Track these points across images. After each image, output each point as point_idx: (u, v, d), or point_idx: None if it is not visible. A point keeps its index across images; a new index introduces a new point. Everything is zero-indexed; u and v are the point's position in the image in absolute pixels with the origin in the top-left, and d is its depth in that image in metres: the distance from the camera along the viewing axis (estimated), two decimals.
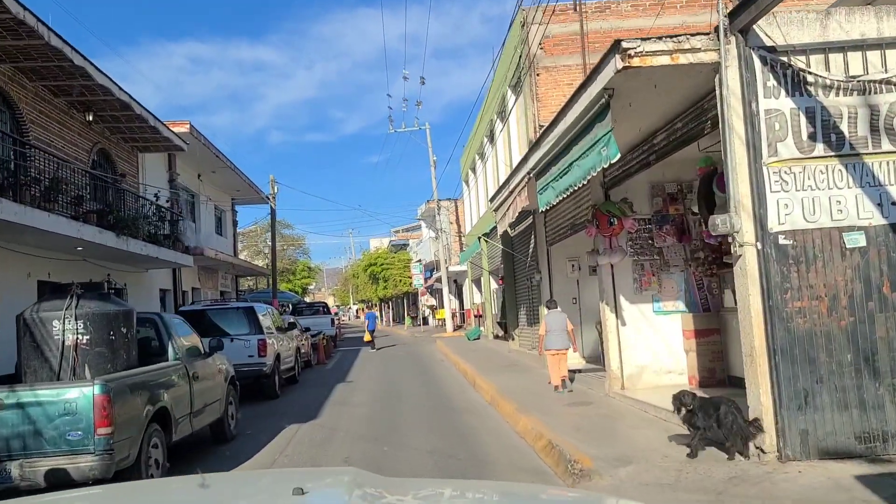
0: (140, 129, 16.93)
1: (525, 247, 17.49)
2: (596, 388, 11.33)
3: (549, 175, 9.67)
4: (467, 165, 27.57)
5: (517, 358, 18.31)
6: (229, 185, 26.90)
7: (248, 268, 28.51)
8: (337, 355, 27.68)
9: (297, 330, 21.21)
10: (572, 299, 14.93)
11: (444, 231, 38.89)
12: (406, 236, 61.58)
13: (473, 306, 29.42)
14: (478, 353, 21.32)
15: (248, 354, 14.25)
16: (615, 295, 10.57)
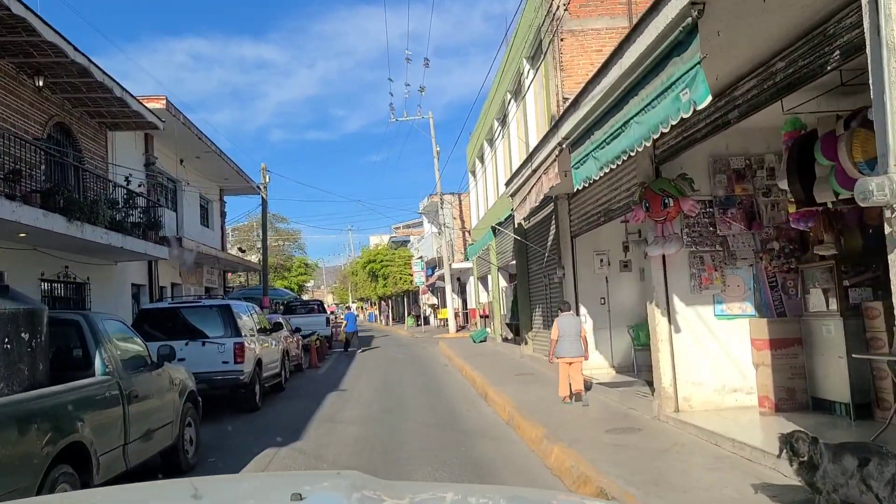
0: (106, 102, 14.88)
1: (542, 239, 15.45)
2: (640, 408, 9.27)
3: (592, 143, 7.61)
4: (474, 154, 25.52)
5: (531, 365, 16.26)
6: (216, 173, 24.85)
7: (236, 262, 26.47)
8: (332, 357, 25.64)
9: (285, 331, 19.19)
10: (600, 299, 12.89)
11: (447, 226, 36.82)
12: (407, 233, 59.48)
13: (479, 306, 27.38)
14: (485, 357, 19.27)
15: (222, 360, 12.21)
16: (667, 294, 8.52)
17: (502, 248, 20.98)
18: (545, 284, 15.68)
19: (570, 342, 10.27)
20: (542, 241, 15.35)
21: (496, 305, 22.72)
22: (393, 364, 21.30)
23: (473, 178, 27.39)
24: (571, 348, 10.26)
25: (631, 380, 11.58)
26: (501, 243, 20.64)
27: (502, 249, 21.03)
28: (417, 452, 8.47)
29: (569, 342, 10.27)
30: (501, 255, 21.09)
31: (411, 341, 33.07)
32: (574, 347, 10.27)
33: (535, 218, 15.89)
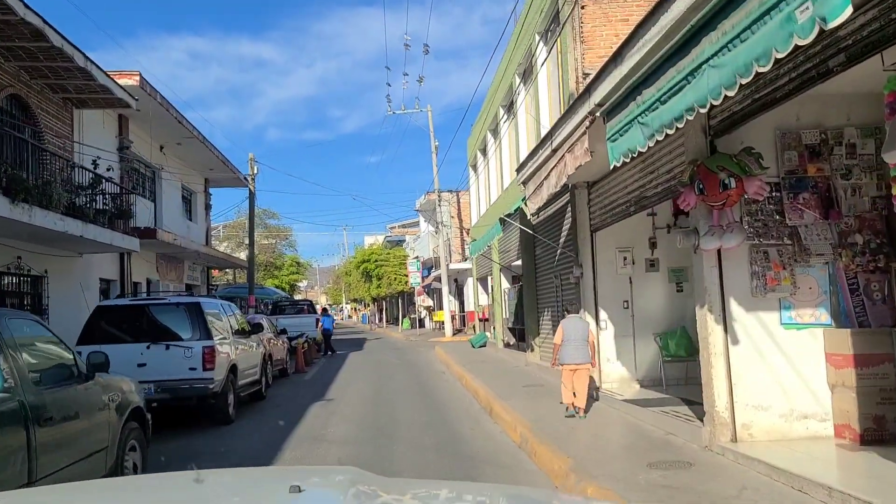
0: (69, 74, 13.27)
1: (554, 235, 13.88)
2: (682, 433, 7.69)
3: (639, 105, 6.04)
4: (475, 146, 23.96)
5: (539, 374, 14.68)
6: (200, 163, 23.23)
7: (221, 259, 24.84)
8: (321, 361, 24.02)
9: (269, 332, 17.57)
10: (623, 303, 11.31)
11: (444, 225, 35.25)
12: (403, 232, 57.87)
13: (479, 309, 25.80)
14: (487, 365, 17.68)
15: (189, 367, 10.60)
16: (723, 298, 6.96)
17: (506, 247, 19.43)
18: (556, 286, 14.10)
19: (574, 347, 9.35)
20: (555, 236, 13.78)
21: (497, 308, 21.14)
22: (386, 370, 19.69)
23: (474, 172, 25.82)
24: (576, 354, 9.33)
25: (661, 396, 9.99)
26: (505, 241, 19.09)
27: (506, 248, 19.47)
28: None
29: (573, 347, 9.35)
30: (505, 253, 19.53)
31: (405, 345, 31.46)
32: (579, 353, 9.33)
33: (545, 212, 14.32)
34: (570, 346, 9.40)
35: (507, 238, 18.75)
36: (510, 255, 18.92)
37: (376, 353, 26.87)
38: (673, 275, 11.39)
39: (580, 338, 9.43)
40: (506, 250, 19.46)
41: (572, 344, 9.40)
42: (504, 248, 19.65)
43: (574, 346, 9.38)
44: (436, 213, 35.93)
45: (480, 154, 23.83)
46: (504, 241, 19.09)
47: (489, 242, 13.27)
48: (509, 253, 19.14)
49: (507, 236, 18.52)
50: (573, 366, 9.39)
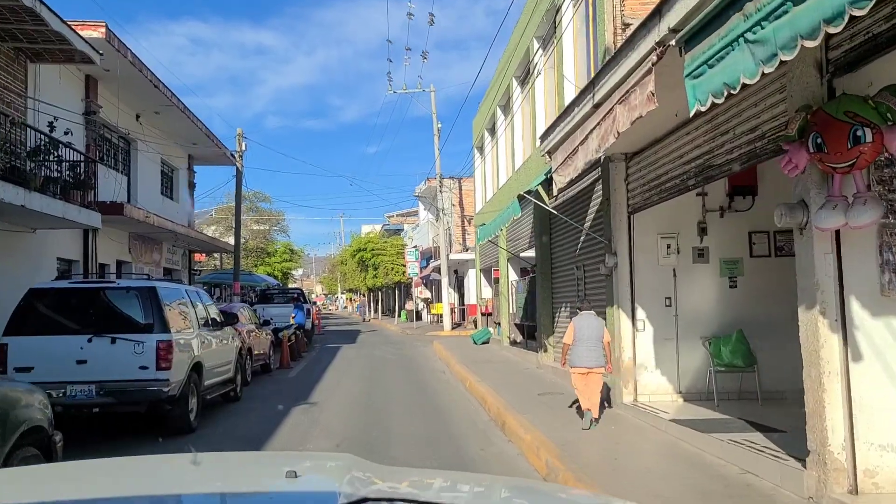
0: (16, 18, 11.32)
1: (576, 220, 12.02)
2: (771, 476, 5.82)
3: (754, 12, 4.15)
4: (483, 125, 22.04)
5: (555, 380, 12.84)
6: (183, 136, 21.25)
7: (205, 242, 22.91)
8: (311, 354, 22.18)
9: (248, 324, 15.71)
10: (665, 300, 9.44)
11: (445, 213, 33.36)
12: (401, 221, 55.89)
13: (481, 302, 23.93)
14: (493, 365, 15.82)
15: (139, 365, 8.73)
16: (841, 296, 5.09)
17: (516, 234, 17.55)
18: (577, 278, 12.24)
19: (587, 348, 8.37)
20: (578, 220, 11.90)
21: (503, 302, 19.28)
22: (379, 368, 17.84)
23: (480, 155, 23.90)
24: (589, 356, 8.35)
25: (720, 417, 8.13)
26: (516, 228, 17.22)
27: (516, 235, 17.59)
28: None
29: (586, 348, 8.38)
30: (514, 242, 17.66)
31: (401, 339, 29.61)
32: (593, 355, 8.35)
33: (565, 193, 12.45)
34: (582, 347, 8.38)
35: (518, 225, 16.87)
36: (521, 244, 17.05)
37: (370, 347, 25.02)
38: (725, 267, 9.52)
39: (594, 337, 8.39)
40: (516, 238, 17.58)
41: (585, 344, 8.37)
42: (514, 236, 17.77)
43: (587, 347, 8.35)
44: (436, 199, 34.01)
45: (488, 134, 21.90)
46: (514, 229, 17.22)
47: (503, 225, 11.39)
48: (520, 241, 17.26)
49: (517, 223, 16.66)
50: (584, 369, 8.37)
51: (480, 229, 13.74)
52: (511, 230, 17.72)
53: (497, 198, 19.58)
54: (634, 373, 9.33)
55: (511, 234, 17.91)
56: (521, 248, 17.04)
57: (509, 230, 18.53)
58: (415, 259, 35.55)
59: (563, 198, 12.83)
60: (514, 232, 17.65)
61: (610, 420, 8.88)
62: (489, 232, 13.21)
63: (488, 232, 13.29)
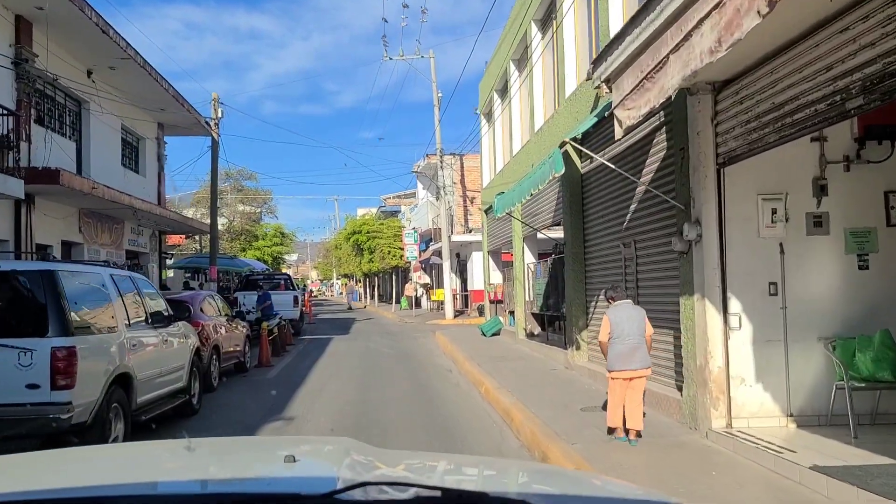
0: None
1: (624, 185, 9.36)
2: None
3: None
4: (491, 88, 19.27)
5: (592, 385, 10.23)
6: (148, 99, 18.46)
7: (177, 221, 20.17)
8: (298, 347, 19.57)
9: (220, 316, 13.12)
10: (769, 286, 6.79)
11: (447, 190, 30.68)
12: (397, 202, 53.09)
13: (490, 288, 21.27)
14: (511, 364, 13.19)
15: (26, 383, 6.07)
16: None
17: (534, 209, 14.87)
18: (625, 259, 9.59)
19: (630, 347, 6.67)
20: (625, 185, 9.24)
21: (518, 289, 16.62)
22: (373, 365, 15.22)
23: (488, 123, 21.16)
24: (633, 356, 6.66)
25: (864, 455, 5.49)
26: (534, 203, 14.55)
27: (534, 211, 14.91)
28: None
29: (629, 347, 6.67)
30: (531, 218, 14.98)
31: (400, 328, 27.00)
32: (637, 354, 6.68)
33: (605, 151, 9.78)
34: (622, 346, 6.68)
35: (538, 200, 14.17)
36: (542, 219, 14.35)
37: (364, 338, 22.39)
38: (853, 240, 6.87)
39: (635, 332, 6.68)
40: (534, 214, 14.89)
41: (626, 342, 6.67)
42: (532, 212, 15.07)
43: (629, 346, 6.66)
44: (437, 177, 31.29)
45: (498, 97, 19.14)
46: (532, 203, 14.52)
47: (533, 189, 8.71)
48: (539, 217, 14.57)
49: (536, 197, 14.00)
50: (629, 373, 6.66)
51: (498, 199, 11.07)
52: (528, 206, 15.06)
53: (511, 168, 16.88)
54: (727, 388, 6.70)
55: (528, 209, 15.25)
56: (543, 223, 14.34)
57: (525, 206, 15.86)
58: (413, 241, 32.84)
59: (604, 155, 10.18)
60: (531, 207, 14.98)
61: (697, 455, 6.26)
62: (510, 201, 10.53)
63: (508, 201, 10.61)
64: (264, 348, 15.53)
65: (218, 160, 20.59)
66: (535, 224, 14.74)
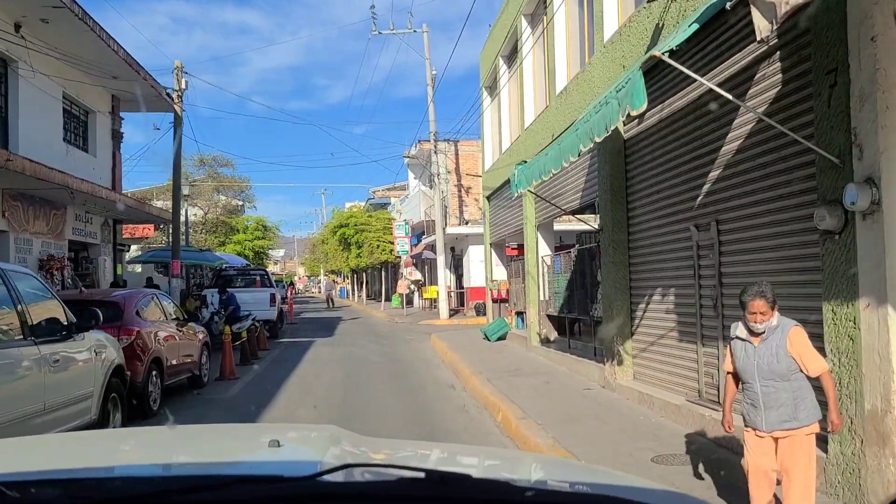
0: None
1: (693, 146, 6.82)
2: None
3: None
4: (496, 53, 16.66)
5: (651, 416, 7.67)
6: (94, 62, 15.70)
7: (133, 208, 17.46)
8: (272, 353, 16.95)
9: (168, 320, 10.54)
10: None
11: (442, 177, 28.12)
12: (387, 195, 50.38)
13: (492, 286, 18.67)
14: (529, 381, 10.62)
15: None
16: None
17: (555, 190, 12.28)
18: (698, 246, 7.06)
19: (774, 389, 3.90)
20: (703, 138, 6.70)
21: (531, 286, 14.04)
22: (359, 380, 12.62)
23: (491, 97, 18.57)
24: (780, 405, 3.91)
25: None
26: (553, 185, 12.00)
27: (554, 192, 12.31)
28: None
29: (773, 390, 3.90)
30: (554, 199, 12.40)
31: (390, 329, 24.39)
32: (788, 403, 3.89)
33: (673, 98, 7.26)
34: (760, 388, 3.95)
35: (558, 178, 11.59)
36: (567, 199, 11.76)
37: (350, 341, 19.78)
38: None
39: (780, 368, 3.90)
40: (553, 196, 12.30)
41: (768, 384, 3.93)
42: (554, 190, 12.46)
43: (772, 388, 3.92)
44: (430, 163, 28.72)
45: (504, 63, 16.54)
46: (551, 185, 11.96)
47: (580, 147, 6.13)
48: (562, 199, 12.00)
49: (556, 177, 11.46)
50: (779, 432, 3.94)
51: (521, 170, 8.49)
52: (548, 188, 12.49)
53: (522, 143, 14.30)
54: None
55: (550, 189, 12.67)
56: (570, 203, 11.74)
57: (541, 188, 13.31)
58: (404, 234, 30.19)
59: (667, 106, 7.65)
60: (550, 188, 12.41)
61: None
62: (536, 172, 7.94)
63: (535, 172, 8.02)
64: (227, 358, 12.87)
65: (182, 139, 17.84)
66: (563, 201, 12.01)
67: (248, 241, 41.16)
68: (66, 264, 15.18)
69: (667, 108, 7.71)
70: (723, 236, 6.60)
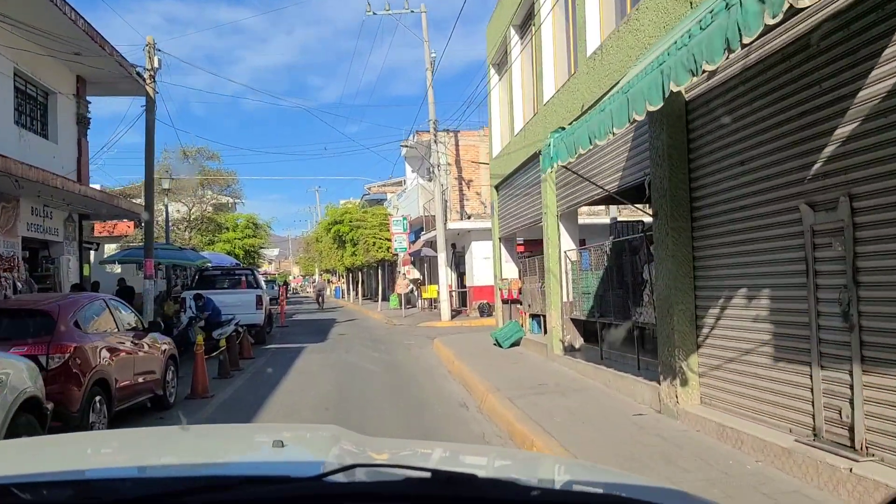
0: None
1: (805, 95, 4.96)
2: None
3: None
4: (506, 23, 14.77)
5: (737, 456, 5.80)
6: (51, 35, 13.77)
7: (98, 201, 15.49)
8: (256, 363, 15.06)
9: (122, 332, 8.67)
10: None
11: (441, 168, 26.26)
12: (383, 191, 48.41)
13: (502, 284, 16.72)
14: (560, 399, 8.72)
15: None
16: None
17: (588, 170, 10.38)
18: (816, 231, 5.19)
19: None
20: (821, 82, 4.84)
21: (552, 285, 12.15)
22: (354, 393, 10.72)
23: (498, 74, 16.68)
24: None
25: None
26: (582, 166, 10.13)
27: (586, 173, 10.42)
28: None
29: None
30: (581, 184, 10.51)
31: (388, 333, 22.49)
32: None
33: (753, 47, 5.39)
34: None
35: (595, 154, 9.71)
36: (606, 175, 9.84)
37: (344, 347, 17.89)
38: None
39: None
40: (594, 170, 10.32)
41: None
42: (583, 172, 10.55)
43: None
44: (430, 153, 26.84)
45: (516, 34, 14.63)
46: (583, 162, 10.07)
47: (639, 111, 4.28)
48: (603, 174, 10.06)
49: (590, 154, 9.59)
50: None
51: (556, 139, 6.67)
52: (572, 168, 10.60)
53: (540, 121, 12.42)
54: None
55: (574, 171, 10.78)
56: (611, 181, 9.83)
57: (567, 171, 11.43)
58: (402, 230, 28.25)
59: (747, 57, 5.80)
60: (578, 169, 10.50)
61: None
62: (580, 139, 6.05)
63: (579, 139, 6.13)
64: (199, 373, 10.97)
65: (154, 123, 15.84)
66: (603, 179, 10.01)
67: (238, 240, 39.21)
68: (19, 265, 13.27)
69: (755, 54, 5.85)
70: (859, 217, 4.74)
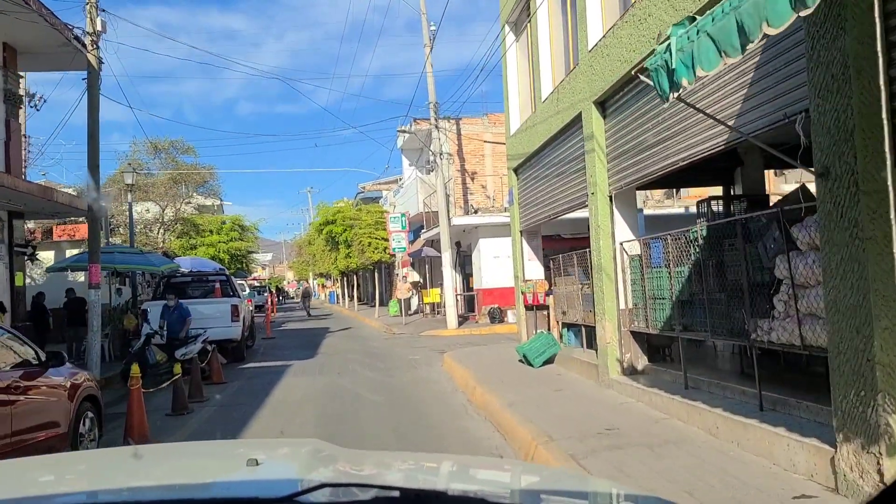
0: None
1: None
2: None
3: None
4: None
5: None
6: None
7: (34, 195, 12.57)
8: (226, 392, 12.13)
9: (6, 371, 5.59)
10: None
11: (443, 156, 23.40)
12: (378, 188, 45.43)
13: (525, 287, 13.75)
14: (650, 459, 5.79)
15: None
16: None
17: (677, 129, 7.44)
18: None
19: None
20: None
21: (606, 288, 9.24)
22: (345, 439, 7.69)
23: (515, 34, 13.81)
24: None
25: None
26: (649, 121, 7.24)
27: (682, 128, 7.47)
28: None
29: None
30: (636, 155, 7.61)
31: (387, 345, 19.54)
32: None
33: None
34: None
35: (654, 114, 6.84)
36: (694, 136, 6.94)
37: (338, 366, 14.94)
38: None
39: None
40: (682, 132, 7.41)
41: None
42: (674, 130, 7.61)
43: None
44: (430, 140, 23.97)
45: None
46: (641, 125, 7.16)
47: None
48: (694, 125, 7.16)
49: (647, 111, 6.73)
50: None
51: (679, 38, 3.69)
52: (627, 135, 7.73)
53: (585, 72, 9.51)
54: None
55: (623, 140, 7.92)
56: (711, 141, 6.90)
57: (615, 137, 8.59)
58: (400, 227, 25.34)
59: None
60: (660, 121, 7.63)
61: None
62: (703, 52, 3.20)
63: (703, 50, 3.27)
64: (134, 416, 8.00)
65: (96, 92, 12.90)
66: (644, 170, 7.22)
67: (222, 243, 36.17)
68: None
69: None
70: None
